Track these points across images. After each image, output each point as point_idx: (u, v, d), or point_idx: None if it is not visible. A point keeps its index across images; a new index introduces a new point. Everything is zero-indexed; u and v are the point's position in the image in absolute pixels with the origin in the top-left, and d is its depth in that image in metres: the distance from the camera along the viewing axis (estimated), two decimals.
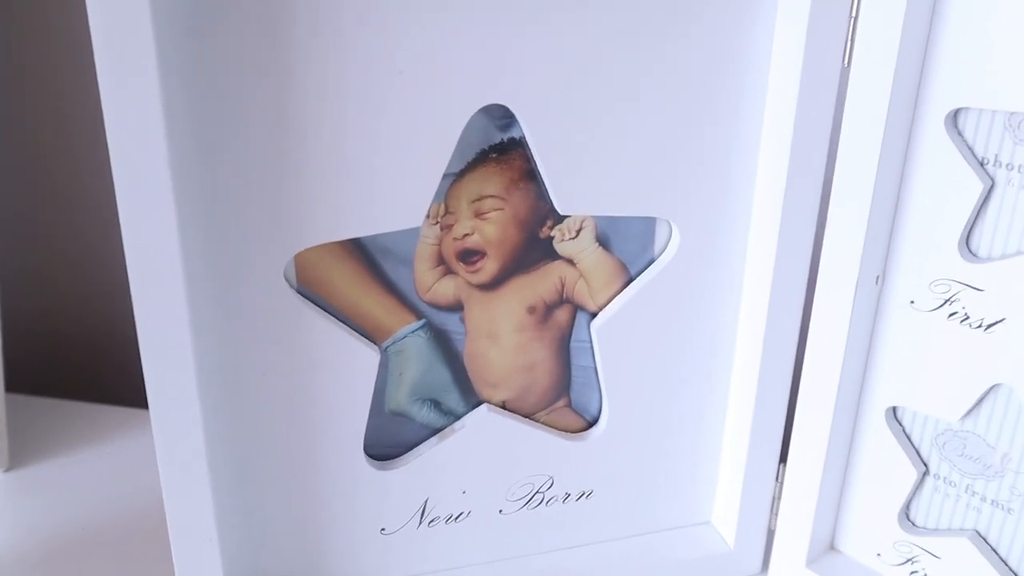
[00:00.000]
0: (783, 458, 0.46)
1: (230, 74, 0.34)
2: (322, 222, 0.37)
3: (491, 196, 0.39)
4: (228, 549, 0.41)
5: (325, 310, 0.39)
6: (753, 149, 0.41)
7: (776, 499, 0.47)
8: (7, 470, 0.56)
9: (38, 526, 0.51)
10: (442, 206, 0.39)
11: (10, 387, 0.59)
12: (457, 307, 0.41)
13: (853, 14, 0.38)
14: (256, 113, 0.34)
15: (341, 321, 0.39)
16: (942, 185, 0.39)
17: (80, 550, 0.49)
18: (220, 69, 0.34)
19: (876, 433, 0.44)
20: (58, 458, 0.57)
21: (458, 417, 0.43)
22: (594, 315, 0.43)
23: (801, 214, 0.41)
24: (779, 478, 0.46)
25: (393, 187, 0.37)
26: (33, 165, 0.64)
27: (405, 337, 0.41)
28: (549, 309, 0.42)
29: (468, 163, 0.39)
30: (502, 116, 0.38)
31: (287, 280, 0.37)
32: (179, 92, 0.33)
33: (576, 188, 0.39)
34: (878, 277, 0.42)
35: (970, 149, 0.38)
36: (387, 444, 0.43)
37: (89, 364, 0.68)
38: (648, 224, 0.42)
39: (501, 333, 0.42)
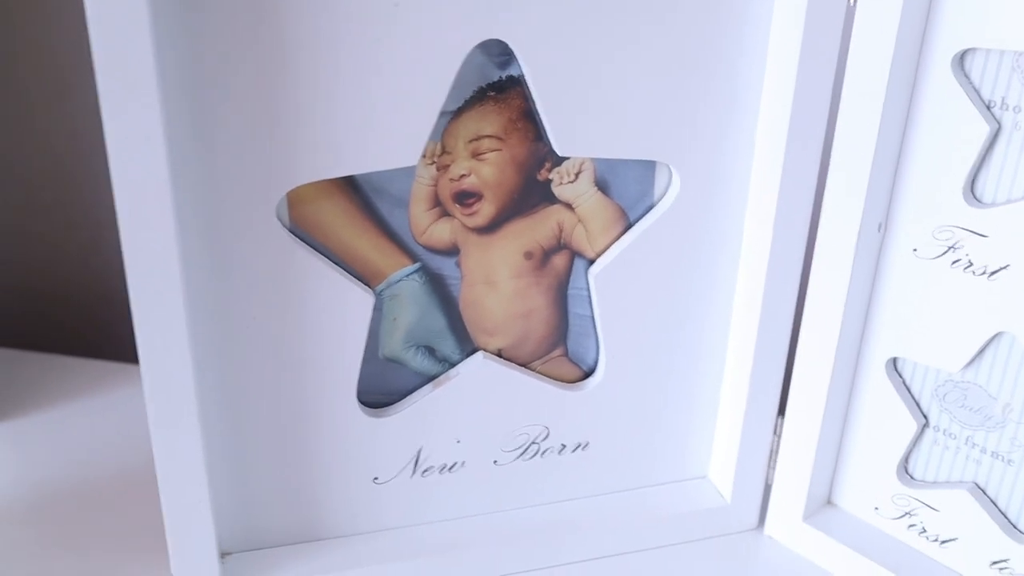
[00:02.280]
0: (781, 411, 0.45)
1: (222, 6, 0.33)
2: (315, 158, 0.36)
3: (489, 136, 0.39)
4: (218, 499, 0.40)
5: (318, 251, 0.38)
6: (755, 92, 0.40)
7: (774, 453, 0.46)
8: None
9: (23, 481, 0.50)
10: (438, 145, 0.38)
11: None
12: (453, 251, 0.41)
13: None
14: (248, 46, 0.34)
15: (334, 263, 0.39)
16: (948, 129, 0.38)
17: (67, 504, 0.49)
18: (212, 1, 0.33)
19: (876, 385, 0.43)
20: (43, 413, 0.57)
21: (453, 364, 0.43)
22: (592, 262, 0.42)
23: (803, 159, 0.40)
24: (777, 431, 0.46)
25: (388, 124, 0.36)
26: (16, 119, 0.63)
27: (400, 281, 0.40)
28: (547, 255, 0.42)
29: (465, 101, 0.38)
30: (500, 53, 0.37)
31: (279, 219, 0.37)
32: (170, 25, 0.32)
33: (575, 129, 0.38)
34: (880, 225, 0.41)
35: (977, 91, 0.38)
36: (380, 391, 0.42)
37: (74, 318, 0.68)
38: (648, 168, 0.41)
39: (498, 279, 0.41)
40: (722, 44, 0.39)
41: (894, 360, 0.43)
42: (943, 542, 0.43)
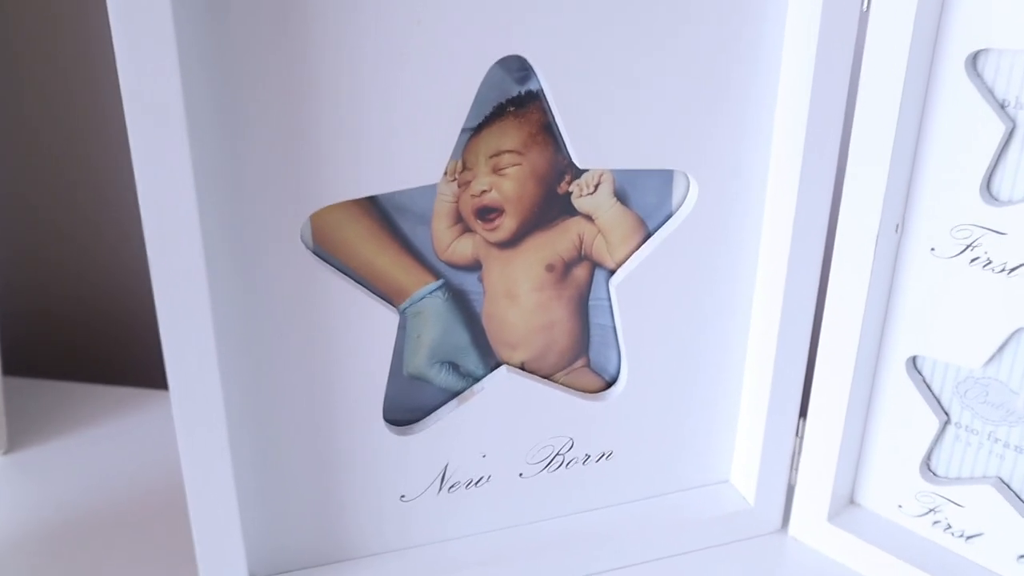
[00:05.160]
0: (803, 413, 0.46)
1: (246, 29, 0.33)
2: (338, 180, 0.36)
3: (509, 151, 0.38)
4: (248, 522, 0.40)
5: (342, 271, 0.38)
6: (771, 98, 0.40)
7: (796, 454, 0.47)
8: (6, 452, 0.55)
9: (38, 509, 0.50)
10: (459, 162, 0.38)
11: (8, 370, 0.57)
12: (475, 266, 0.41)
13: None
14: (272, 70, 0.34)
15: (358, 283, 0.38)
16: (962, 129, 0.39)
17: (91, 533, 0.48)
18: (236, 23, 0.33)
19: (896, 384, 0.44)
20: (57, 440, 0.56)
21: (477, 379, 0.42)
22: (612, 272, 0.42)
23: (820, 163, 0.40)
24: (799, 433, 0.46)
25: (411, 143, 0.36)
26: (29, 144, 0.63)
27: (423, 298, 0.40)
28: (567, 267, 0.42)
29: (485, 118, 0.38)
30: (519, 68, 0.37)
31: (303, 241, 0.37)
32: (195, 48, 0.32)
33: (594, 141, 0.39)
34: (897, 225, 0.41)
35: (990, 91, 0.38)
36: (406, 409, 0.42)
37: (87, 345, 0.67)
38: (665, 177, 0.41)
39: (519, 292, 0.41)
40: (737, 51, 0.39)
41: (914, 359, 0.43)
42: (969, 538, 0.43)
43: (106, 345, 0.66)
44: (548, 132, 0.39)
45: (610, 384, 0.45)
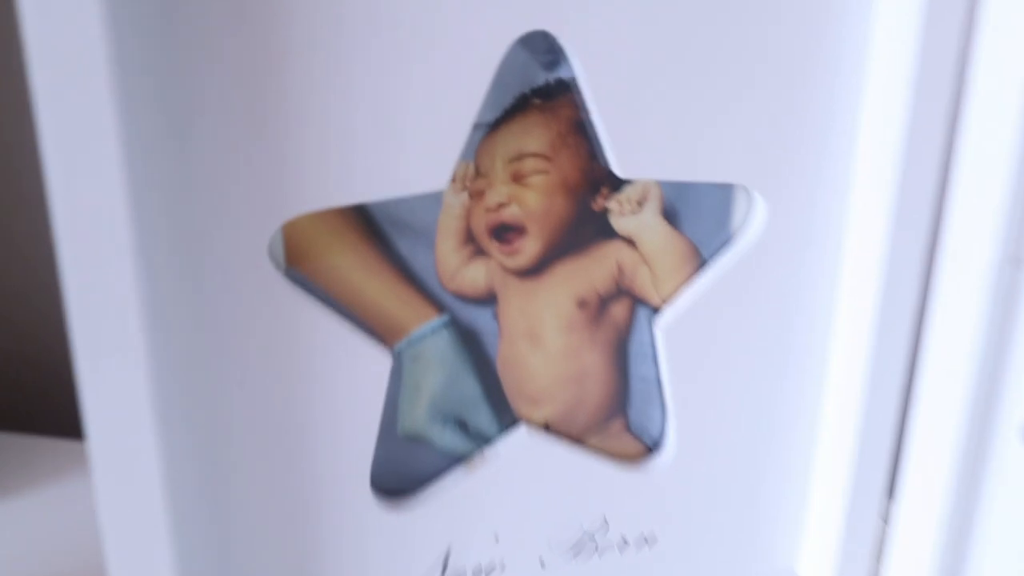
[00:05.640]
0: (891, 492, 0.40)
1: None
2: (317, 183, 0.31)
3: (533, 155, 0.34)
4: None
5: (321, 300, 0.33)
6: (857, 95, 0.35)
7: (882, 544, 0.40)
8: None
9: None
10: (471, 166, 0.33)
11: None
12: (489, 299, 0.36)
13: None
14: (235, 40, 0.29)
15: (342, 315, 0.33)
16: None
17: None
18: None
19: (1012, 457, 0.37)
20: None
21: (489, 442, 0.37)
22: (657, 311, 0.37)
23: (918, 177, 0.35)
24: (886, 518, 0.40)
25: (409, 139, 0.31)
26: None
27: (424, 338, 0.35)
28: (603, 303, 0.37)
29: (504, 111, 0.33)
30: (547, 50, 0.32)
31: (273, 259, 0.31)
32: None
33: (638, 144, 0.34)
34: (1016, 258, 0.35)
35: None
36: (399, 476, 0.37)
37: (22, 392, 0.62)
38: (724, 194, 0.36)
39: (544, 334, 0.36)
40: (818, 36, 0.33)
41: None
42: None
43: (44, 392, 0.61)
44: (582, 132, 0.34)
45: (652, 450, 0.39)
